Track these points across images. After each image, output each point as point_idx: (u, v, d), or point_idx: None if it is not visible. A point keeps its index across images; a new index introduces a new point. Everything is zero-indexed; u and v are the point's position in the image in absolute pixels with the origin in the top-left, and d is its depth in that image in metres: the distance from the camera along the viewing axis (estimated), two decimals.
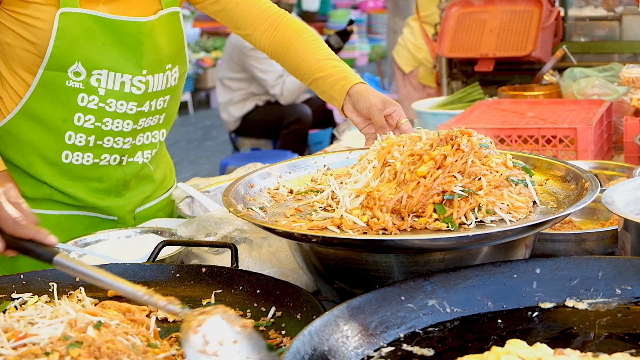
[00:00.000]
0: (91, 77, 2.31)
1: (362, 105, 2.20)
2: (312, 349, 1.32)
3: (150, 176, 2.60)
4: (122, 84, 2.34)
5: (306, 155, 2.19)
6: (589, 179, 1.76)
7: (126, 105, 2.37)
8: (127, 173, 2.50)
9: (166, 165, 2.73)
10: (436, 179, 1.65)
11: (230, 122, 7.33)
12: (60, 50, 2.27)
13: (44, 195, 2.46)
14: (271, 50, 2.44)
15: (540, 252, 1.94)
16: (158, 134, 2.53)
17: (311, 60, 2.34)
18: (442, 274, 1.57)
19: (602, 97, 3.36)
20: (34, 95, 2.34)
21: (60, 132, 2.37)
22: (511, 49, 4.03)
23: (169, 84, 2.46)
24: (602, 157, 2.96)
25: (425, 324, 1.50)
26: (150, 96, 2.42)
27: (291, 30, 2.41)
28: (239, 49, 6.90)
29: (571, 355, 1.28)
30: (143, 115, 2.43)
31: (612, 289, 1.56)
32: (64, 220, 2.49)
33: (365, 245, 1.60)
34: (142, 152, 2.51)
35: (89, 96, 2.33)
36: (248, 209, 1.84)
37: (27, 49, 2.30)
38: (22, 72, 2.34)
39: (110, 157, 2.44)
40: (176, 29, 2.46)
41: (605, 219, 2.22)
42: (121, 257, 2.11)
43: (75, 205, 2.48)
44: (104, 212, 2.52)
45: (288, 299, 1.66)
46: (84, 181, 2.45)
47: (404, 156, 1.72)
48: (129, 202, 2.55)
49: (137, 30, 2.33)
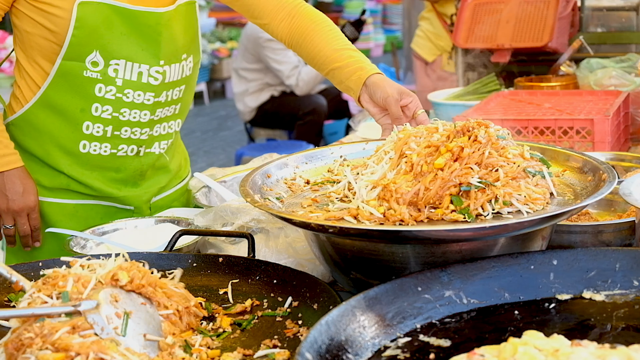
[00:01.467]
0: (109, 67, 2.33)
1: (379, 95, 2.20)
2: (329, 339, 1.32)
3: (166, 166, 2.62)
4: (140, 74, 2.36)
5: (323, 146, 2.19)
6: (606, 170, 1.75)
7: (143, 95, 2.39)
8: (144, 163, 2.52)
9: (181, 155, 2.74)
10: (453, 172, 1.65)
11: (245, 112, 7.34)
12: (79, 40, 2.29)
13: (61, 184, 2.48)
14: (288, 40, 2.44)
15: (557, 243, 1.93)
16: (174, 124, 2.55)
17: (328, 50, 2.34)
18: (459, 264, 1.57)
19: (619, 88, 3.34)
20: (52, 85, 2.36)
21: (78, 122, 2.39)
22: (527, 39, 4.01)
23: (184, 74, 2.47)
24: (619, 149, 2.95)
25: (442, 314, 1.51)
26: (167, 86, 2.43)
27: (308, 20, 2.41)
28: (254, 39, 6.90)
29: (588, 347, 1.27)
30: (160, 106, 2.45)
31: (629, 280, 1.56)
32: (81, 209, 2.52)
33: (382, 236, 1.60)
34: (158, 142, 2.53)
35: (106, 86, 2.35)
36: (265, 199, 1.84)
37: (46, 37, 2.32)
38: (42, 60, 2.36)
39: (128, 148, 2.46)
40: (191, 19, 2.47)
41: (623, 211, 2.22)
42: (138, 246, 2.12)
43: (92, 195, 2.51)
44: (121, 202, 2.54)
45: (305, 289, 1.67)
46: (101, 171, 2.48)
47: (420, 148, 1.72)
48: (145, 192, 2.57)
49: (155, 20, 2.34)
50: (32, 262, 1.87)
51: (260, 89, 7.22)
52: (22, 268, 1.84)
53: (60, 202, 2.50)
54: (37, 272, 1.83)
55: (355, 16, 7.92)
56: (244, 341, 1.55)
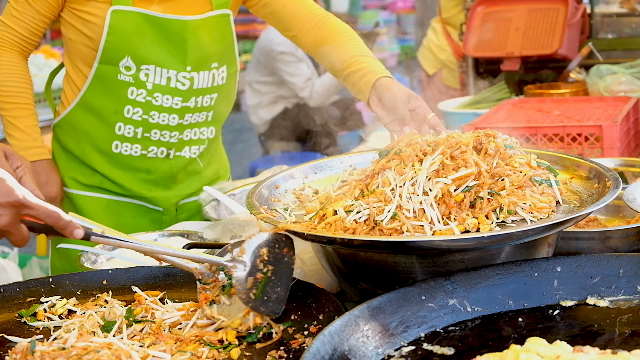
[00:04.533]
0: (140, 71, 2.48)
1: (387, 97, 2.19)
2: (332, 349, 1.33)
3: (199, 172, 2.71)
4: (168, 79, 2.50)
5: (331, 156, 2.19)
6: (611, 177, 1.75)
7: (171, 99, 2.52)
8: (174, 166, 2.64)
9: (219, 163, 2.83)
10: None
11: (259, 125, 7.36)
12: (112, 45, 2.44)
13: (96, 182, 2.64)
14: (313, 50, 2.49)
15: (564, 250, 1.93)
16: (206, 130, 2.66)
17: (346, 56, 2.36)
18: (463, 273, 1.57)
19: (628, 93, 3.34)
20: (90, 88, 2.53)
21: (112, 123, 2.55)
22: (537, 47, 4.01)
23: (215, 82, 2.58)
24: (629, 155, 2.94)
25: (446, 323, 1.51)
26: (196, 92, 2.55)
27: (332, 31, 2.46)
28: (267, 52, 6.93)
29: (590, 353, 1.28)
30: (189, 111, 2.57)
31: (633, 286, 1.56)
32: (113, 205, 2.66)
33: (387, 246, 1.61)
34: (189, 147, 2.65)
35: (137, 89, 2.49)
36: (272, 210, 1.85)
37: (85, 43, 2.49)
38: (82, 65, 2.53)
39: (158, 150, 2.59)
40: (225, 30, 2.58)
41: (631, 217, 2.21)
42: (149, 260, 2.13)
43: (123, 194, 2.65)
44: (151, 202, 2.68)
45: (310, 300, 1.67)
46: (132, 171, 2.62)
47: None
48: (175, 195, 2.70)
49: (181, 28, 2.47)
50: (42, 278, 1.89)
51: (274, 102, 7.24)
52: (32, 284, 1.86)
53: (94, 196, 2.65)
54: (46, 287, 1.85)
55: (369, 27, 7.94)
56: (250, 353, 1.56)
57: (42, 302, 1.81)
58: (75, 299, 1.83)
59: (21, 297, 1.82)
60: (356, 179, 1.79)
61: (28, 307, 1.79)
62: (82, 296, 1.84)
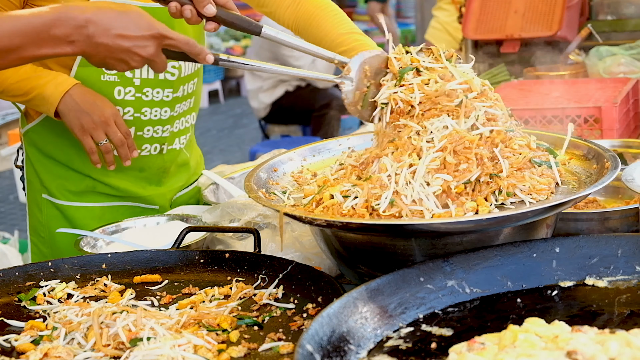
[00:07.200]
0: None
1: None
2: (330, 331, 1.33)
3: (187, 163, 2.67)
4: None
5: (330, 138, 2.19)
6: (609, 157, 1.75)
7: (162, 92, 2.43)
8: (167, 160, 2.57)
9: (197, 152, 2.78)
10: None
11: (260, 109, 7.35)
12: None
13: (87, 187, 2.52)
14: (294, 26, 2.42)
15: (564, 231, 1.93)
16: (190, 117, 2.61)
17: (334, 34, 2.32)
18: (461, 254, 1.57)
19: (628, 75, 3.33)
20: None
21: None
22: (537, 29, 4.00)
23: (196, 67, 2.53)
24: (629, 136, 2.93)
25: (445, 304, 1.51)
26: (183, 80, 2.48)
27: (314, 5, 2.40)
28: None
29: (588, 333, 1.28)
30: (178, 101, 2.50)
31: (631, 266, 1.56)
32: (108, 211, 2.54)
33: (386, 230, 1.61)
34: (178, 138, 2.59)
35: (125, 88, 2.38)
36: (270, 193, 1.85)
37: None
38: (58, 68, 2.38)
39: (151, 147, 2.51)
40: None
41: (630, 197, 2.21)
42: (147, 244, 2.14)
43: (118, 196, 2.54)
44: (146, 202, 2.59)
45: (309, 283, 1.68)
46: (125, 171, 2.50)
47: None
48: (168, 190, 2.63)
49: (166, 15, 2.35)
50: (42, 262, 1.89)
51: (275, 85, 7.23)
52: (31, 268, 1.86)
53: (87, 206, 2.53)
54: (46, 271, 1.86)
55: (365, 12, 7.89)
56: (250, 335, 1.56)
57: (42, 286, 1.81)
58: (75, 282, 1.83)
59: (20, 281, 1.83)
60: (352, 163, 1.79)
61: (27, 291, 1.79)
62: (82, 280, 1.85)
